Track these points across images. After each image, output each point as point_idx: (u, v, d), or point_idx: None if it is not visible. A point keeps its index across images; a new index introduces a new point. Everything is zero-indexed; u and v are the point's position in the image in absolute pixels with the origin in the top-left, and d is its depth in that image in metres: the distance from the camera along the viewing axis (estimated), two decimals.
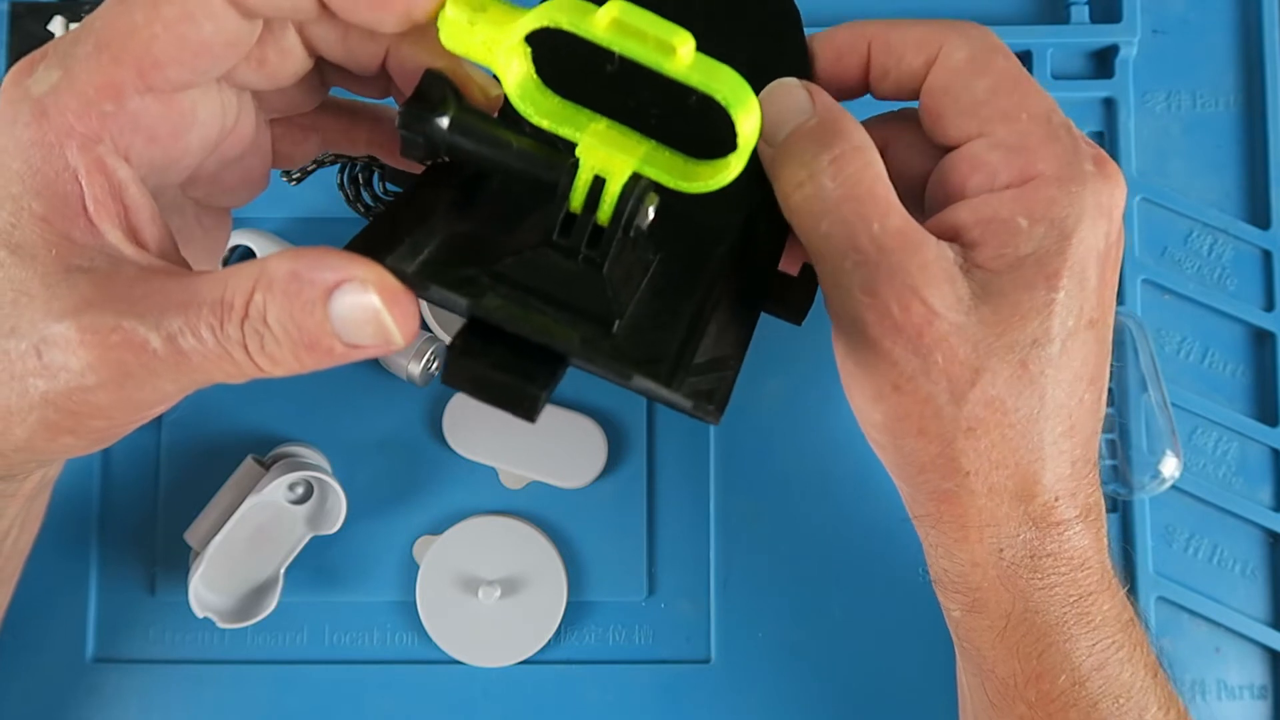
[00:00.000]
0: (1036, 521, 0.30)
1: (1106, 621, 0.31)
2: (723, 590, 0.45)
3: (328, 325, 0.25)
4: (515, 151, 0.28)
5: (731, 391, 0.27)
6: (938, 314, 0.28)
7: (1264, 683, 0.44)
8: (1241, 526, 0.45)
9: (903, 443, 0.30)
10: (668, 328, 0.28)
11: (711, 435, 0.45)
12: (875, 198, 0.29)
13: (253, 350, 0.25)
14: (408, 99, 0.28)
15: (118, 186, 0.26)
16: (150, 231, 0.27)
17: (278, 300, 0.25)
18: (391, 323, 0.25)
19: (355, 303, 0.25)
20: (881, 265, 0.28)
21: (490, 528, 0.45)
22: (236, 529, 0.42)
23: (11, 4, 0.46)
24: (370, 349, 0.25)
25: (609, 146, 0.26)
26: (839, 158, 0.29)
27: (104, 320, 0.25)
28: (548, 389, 0.26)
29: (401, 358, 0.44)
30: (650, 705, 0.44)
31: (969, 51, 0.30)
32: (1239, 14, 0.47)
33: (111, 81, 0.26)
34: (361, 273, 0.25)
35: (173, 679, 0.44)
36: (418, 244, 0.28)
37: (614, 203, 0.27)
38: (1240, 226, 0.46)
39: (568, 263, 0.27)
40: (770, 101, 0.30)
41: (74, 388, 0.25)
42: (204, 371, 0.26)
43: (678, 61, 0.24)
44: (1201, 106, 0.47)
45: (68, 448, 0.28)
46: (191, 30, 0.26)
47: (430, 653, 0.44)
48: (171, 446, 0.45)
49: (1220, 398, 0.46)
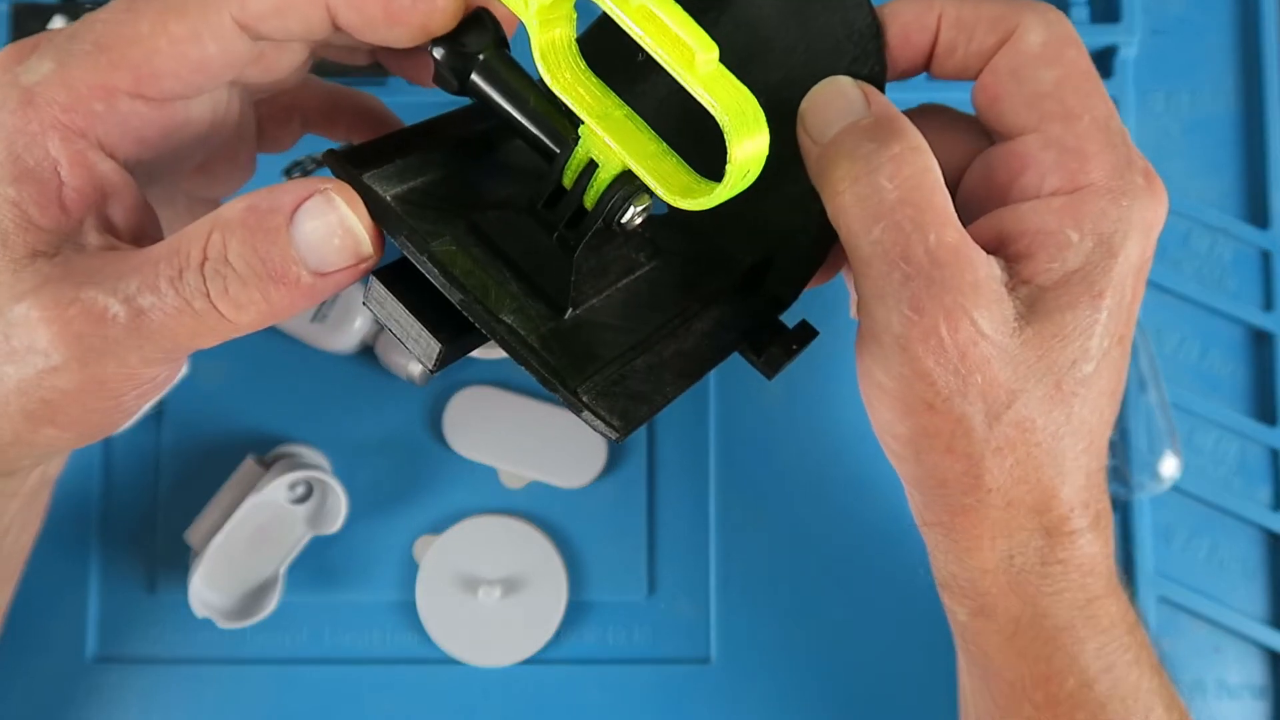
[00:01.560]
0: (1050, 531, 0.29)
1: (1114, 624, 0.31)
2: (723, 590, 0.45)
3: (292, 251, 0.24)
4: (529, 109, 0.27)
5: (648, 419, 0.26)
6: (985, 336, 0.27)
7: (1264, 683, 0.44)
8: (1241, 526, 0.45)
9: (926, 458, 0.29)
10: (619, 333, 0.27)
11: (711, 435, 0.45)
12: (934, 206, 0.27)
13: (215, 295, 0.25)
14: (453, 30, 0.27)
15: (99, 180, 0.26)
16: (131, 221, 0.27)
17: (237, 235, 0.24)
18: (359, 228, 0.24)
19: (319, 219, 0.24)
20: (934, 281, 0.27)
21: (490, 528, 0.45)
22: (236, 529, 0.42)
23: (12, 4, 0.46)
24: (340, 273, 0.25)
25: (614, 135, 0.26)
26: (898, 157, 0.27)
27: (63, 294, 0.25)
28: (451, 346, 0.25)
29: (401, 358, 0.44)
30: (650, 705, 0.44)
31: (1044, 36, 0.29)
32: (1239, 14, 0.47)
33: (105, 83, 0.26)
34: (322, 186, 0.24)
35: (173, 679, 0.44)
36: (407, 169, 0.27)
37: (600, 192, 0.26)
38: (1239, 226, 0.46)
39: (542, 235, 0.27)
40: (820, 97, 0.29)
41: (41, 371, 0.25)
42: (167, 333, 0.25)
43: (695, 69, 0.23)
44: (1201, 106, 0.47)
45: (53, 440, 0.27)
46: (195, 50, 0.26)
47: (430, 653, 0.44)
48: (171, 446, 0.45)
49: (1219, 398, 0.46)
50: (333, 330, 0.44)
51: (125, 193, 0.27)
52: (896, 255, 0.27)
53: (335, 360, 0.45)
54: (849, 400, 0.45)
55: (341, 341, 0.44)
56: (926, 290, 0.27)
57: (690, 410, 0.45)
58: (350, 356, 0.45)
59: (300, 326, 0.44)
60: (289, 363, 0.45)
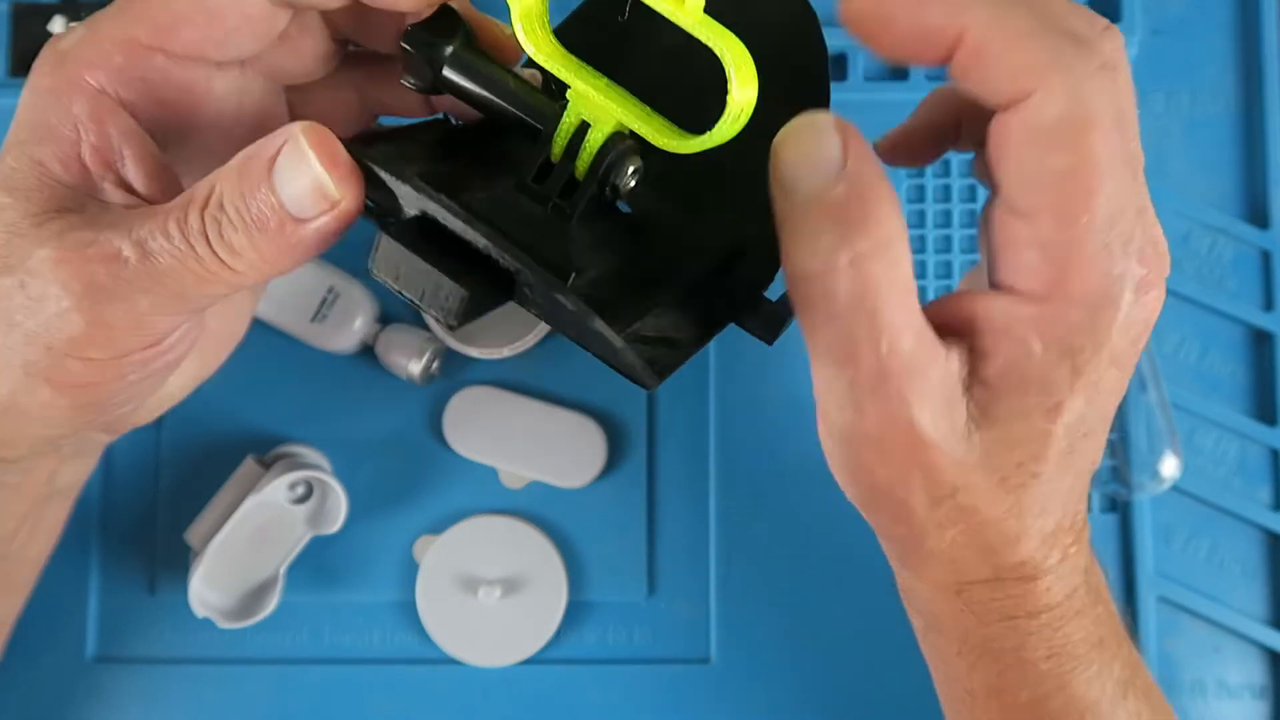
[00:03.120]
0: (1003, 575, 0.29)
1: (1069, 645, 0.30)
2: (723, 590, 0.45)
3: (273, 198, 0.25)
4: (508, 90, 0.27)
5: (677, 368, 0.26)
6: (928, 441, 0.26)
7: (1264, 683, 0.44)
8: (1241, 526, 0.45)
9: (872, 516, 0.29)
10: (626, 297, 0.27)
11: (711, 435, 0.45)
12: (891, 311, 0.25)
13: (212, 239, 0.25)
14: (417, 23, 0.28)
15: (117, 137, 0.27)
16: (151, 183, 0.28)
17: (230, 181, 0.25)
18: (326, 175, 0.25)
19: (293, 167, 0.25)
20: (879, 390, 0.25)
21: (490, 528, 0.45)
22: (237, 529, 0.42)
23: (12, 4, 0.46)
24: (319, 220, 0.25)
25: (601, 97, 0.26)
26: (859, 259, 0.24)
27: (82, 237, 0.26)
28: (475, 294, 0.25)
29: (401, 358, 0.44)
30: (650, 705, 0.44)
31: (1062, 112, 0.24)
32: (1238, 14, 0.47)
33: (127, 36, 0.27)
34: (295, 132, 0.25)
35: (173, 679, 0.44)
36: (389, 156, 0.27)
37: (593, 153, 0.26)
38: (1239, 226, 0.46)
39: (536, 206, 0.27)
40: (794, 142, 0.25)
41: (51, 315, 0.26)
42: (174, 276, 0.26)
43: (685, 10, 0.24)
44: (1201, 106, 0.47)
45: (47, 407, 0.28)
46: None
47: (430, 653, 0.44)
48: (171, 446, 0.45)
49: (1219, 398, 0.46)
50: (333, 330, 0.44)
51: (145, 153, 0.28)
52: (845, 357, 0.25)
53: (335, 360, 0.45)
54: None
55: (341, 341, 0.44)
56: (871, 398, 0.25)
57: (690, 410, 0.45)
58: (350, 356, 0.45)
59: (300, 326, 0.44)
60: (289, 363, 0.45)
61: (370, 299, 0.44)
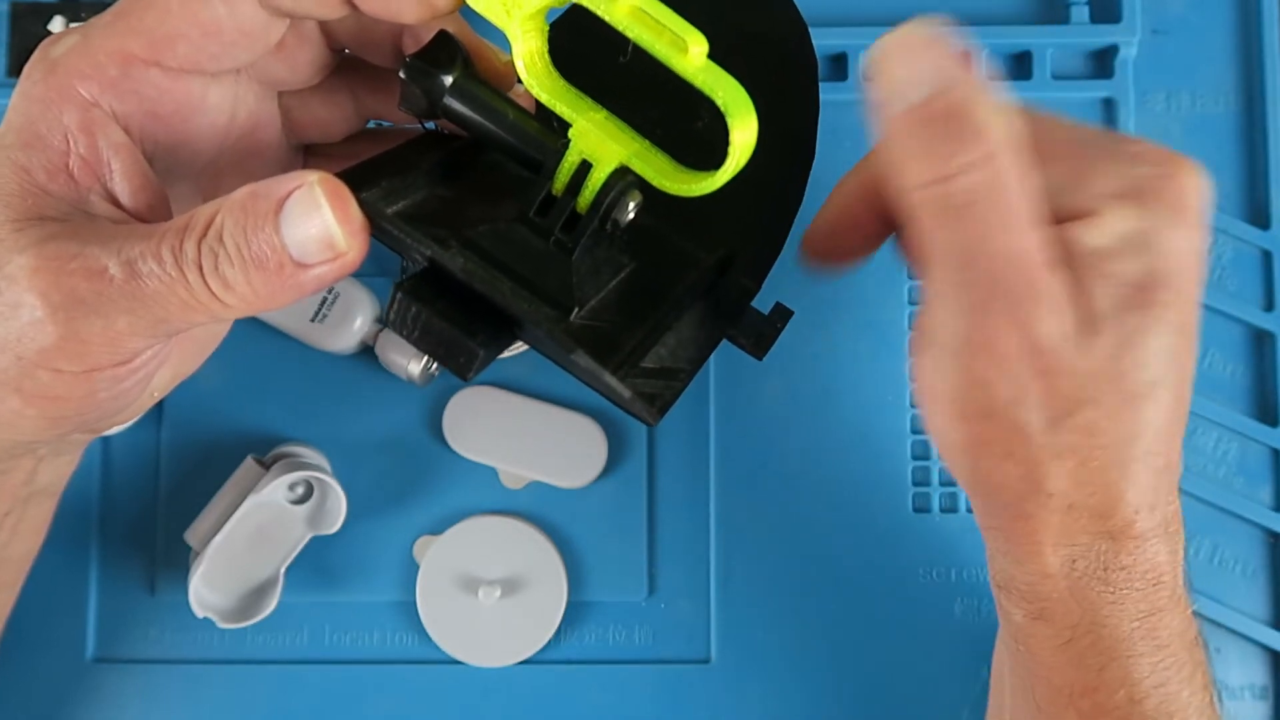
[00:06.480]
0: (1114, 535, 0.29)
1: (1173, 639, 0.30)
2: (723, 590, 0.45)
3: (277, 239, 0.25)
4: (509, 123, 0.28)
5: (675, 400, 0.27)
6: (1045, 348, 0.26)
7: (1264, 683, 0.44)
8: (1241, 526, 0.45)
9: (983, 464, 0.28)
10: (624, 329, 0.28)
11: (711, 435, 0.45)
12: (1007, 213, 0.26)
13: (206, 271, 0.25)
14: (416, 52, 0.28)
15: (107, 150, 0.27)
16: (138, 198, 0.27)
17: (233, 215, 0.25)
18: (338, 228, 0.25)
19: (304, 214, 0.25)
20: (998, 288, 0.26)
21: (490, 528, 0.45)
22: (236, 529, 0.42)
23: (12, 4, 0.46)
24: (320, 267, 0.25)
25: (603, 134, 0.26)
26: (973, 165, 0.26)
27: (66, 248, 0.25)
28: (488, 349, 0.26)
29: (401, 358, 0.44)
30: (650, 705, 0.44)
31: None
32: (1239, 14, 0.47)
33: (121, 49, 0.27)
34: (310, 178, 0.25)
35: (173, 679, 0.44)
36: (394, 191, 0.28)
37: (596, 190, 0.27)
38: (1240, 226, 0.46)
39: (538, 241, 0.27)
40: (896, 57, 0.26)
41: (25, 324, 0.25)
42: (159, 301, 0.25)
43: (689, 60, 0.24)
44: (1201, 106, 0.47)
45: (15, 416, 0.27)
46: (206, 11, 0.27)
47: (430, 653, 0.44)
48: (171, 446, 0.45)
49: (1220, 398, 0.46)
50: (333, 330, 0.44)
51: (134, 167, 0.27)
52: (963, 260, 0.26)
53: (335, 360, 0.45)
54: (850, 400, 0.45)
55: (341, 341, 0.44)
56: (989, 296, 0.26)
57: (690, 410, 0.45)
58: (350, 356, 0.45)
59: (300, 326, 0.44)
60: (289, 363, 0.45)
61: (370, 299, 0.44)
